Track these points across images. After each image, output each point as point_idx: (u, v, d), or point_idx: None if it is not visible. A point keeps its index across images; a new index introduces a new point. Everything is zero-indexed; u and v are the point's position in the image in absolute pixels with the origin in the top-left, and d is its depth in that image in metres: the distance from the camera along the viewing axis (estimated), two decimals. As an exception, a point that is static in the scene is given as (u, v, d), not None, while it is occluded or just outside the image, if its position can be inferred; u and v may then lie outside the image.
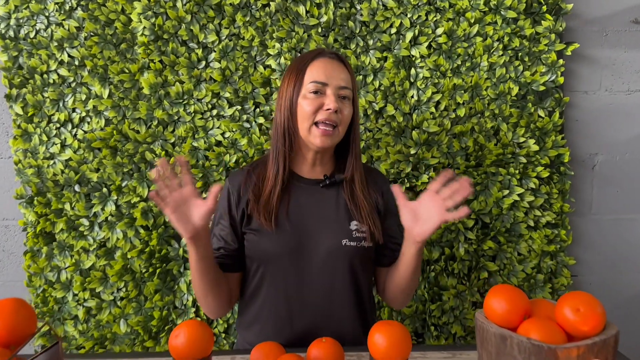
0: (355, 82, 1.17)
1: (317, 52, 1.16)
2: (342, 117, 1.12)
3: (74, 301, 1.49)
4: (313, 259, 1.11)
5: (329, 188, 1.17)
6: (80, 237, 1.47)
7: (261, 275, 1.13)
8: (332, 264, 1.11)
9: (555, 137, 1.52)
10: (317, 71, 1.12)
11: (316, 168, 1.18)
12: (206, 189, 1.47)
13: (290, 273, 1.11)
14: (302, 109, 1.11)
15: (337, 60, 1.15)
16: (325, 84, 1.11)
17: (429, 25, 1.48)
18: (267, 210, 1.10)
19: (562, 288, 1.57)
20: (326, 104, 1.09)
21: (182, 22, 1.44)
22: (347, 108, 1.13)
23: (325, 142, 1.10)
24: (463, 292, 1.54)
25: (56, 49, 1.44)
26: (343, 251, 1.11)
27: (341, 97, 1.12)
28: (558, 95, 1.52)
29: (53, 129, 1.45)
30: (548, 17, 1.49)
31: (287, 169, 1.14)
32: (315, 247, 1.11)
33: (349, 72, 1.15)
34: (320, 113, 1.10)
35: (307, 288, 1.11)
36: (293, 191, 1.15)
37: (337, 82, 1.12)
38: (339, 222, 1.14)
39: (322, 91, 1.11)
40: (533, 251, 1.55)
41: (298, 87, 1.12)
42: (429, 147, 1.50)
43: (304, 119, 1.11)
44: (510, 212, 1.53)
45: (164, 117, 1.45)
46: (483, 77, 1.49)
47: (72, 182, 1.45)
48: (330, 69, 1.12)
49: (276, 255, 1.10)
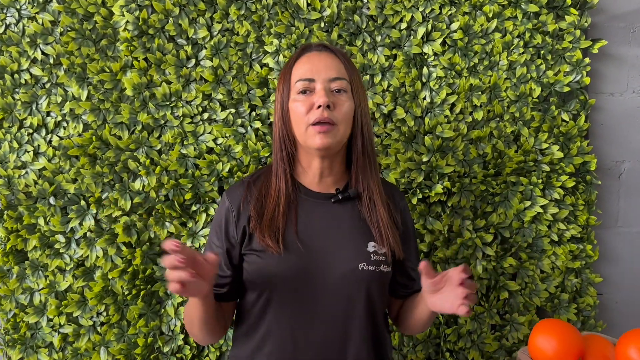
0: (354, 72, 1.02)
1: (302, 49, 1.03)
2: (340, 113, 0.96)
3: (48, 327, 1.35)
4: (325, 285, 0.96)
5: (342, 203, 1.03)
6: (56, 256, 1.34)
7: (264, 304, 0.99)
8: (347, 291, 0.97)
9: (580, 142, 1.40)
10: (302, 68, 0.98)
11: (325, 180, 1.03)
12: (196, 200, 1.33)
13: (298, 301, 0.97)
14: (294, 114, 0.98)
15: (326, 51, 1.01)
16: (311, 80, 0.97)
17: (443, 20, 1.36)
18: (273, 229, 0.96)
19: (588, 308, 1.45)
20: (315, 102, 0.95)
21: (170, 15, 1.32)
22: (344, 102, 0.97)
23: (324, 141, 0.95)
24: (481, 314, 1.41)
25: (28, 46, 1.31)
26: (360, 276, 0.97)
27: (335, 91, 0.97)
28: (583, 97, 1.40)
29: (25, 135, 1.33)
30: (573, 11, 1.37)
31: (289, 183, 1.01)
32: (328, 272, 0.96)
33: (342, 61, 1.01)
34: (312, 113, 0.95)
35: (317, 319, 0.97)
36: (301, 207, 1.01)
37: (326, 75, 0.97)
38: (354, 243, 1.00)
39: (310, 89, 0.97)
40: (557, 268, 1.42)
41: (287, 91, 1.00)
42: (443, 154, 1.37)
43: (297, 124, 0.98)
44: (532, 226, 1.40)
45: (149, 122, 1.32)
46: (502, 77, 1.37)
47: (46, 194, 1.33)
48: (316, 61, 0.99)
49: (282, 281, 0.96)
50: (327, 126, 0.95)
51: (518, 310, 1.41)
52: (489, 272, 1.40)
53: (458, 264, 1.39)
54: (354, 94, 1.00)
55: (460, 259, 1.38)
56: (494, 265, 1.39)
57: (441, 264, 1.38)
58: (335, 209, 1.02)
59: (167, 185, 1.32)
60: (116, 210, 1.32)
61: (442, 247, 1.38)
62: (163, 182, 1.32)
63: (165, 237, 1.34)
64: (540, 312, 1.44)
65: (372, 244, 0.99)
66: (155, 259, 1.34)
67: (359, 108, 1.01)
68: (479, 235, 1.38)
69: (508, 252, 1.39)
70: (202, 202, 1.33)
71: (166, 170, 1.33)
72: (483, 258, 1.39)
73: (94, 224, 1.32)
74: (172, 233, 1.34)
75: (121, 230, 1.31)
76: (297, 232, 0.97)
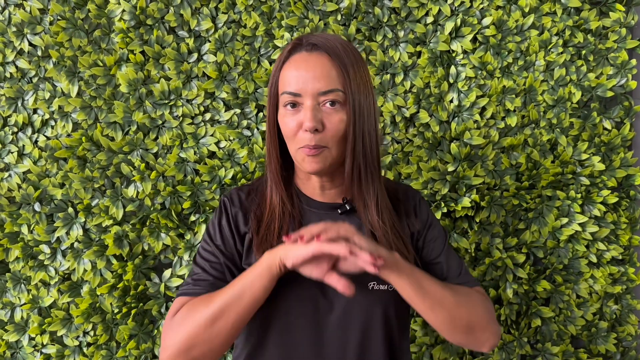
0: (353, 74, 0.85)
1: (290, 47, 0.87)
2: (331, 132, 0.83)
3: (30, 346, 1.26)
4: (333, 308, 0.86)
5: (349, 215, 0.92)
6: (40, 268, 1.24)
7: (264, 330, 0.88)
8: (358, 314, 0.87)
9: (624, 153, 1.27)
10: (288, 76, 0.85)
11: (328, 192, 0.93)
12: (195, 210, 1.22)
13: (302, 327, 0.86)
14: (284, 128, 0.86)
15: (316, 51, 0.85)
16: (297, 95, 0.83)
17: (474, 14, 1.24)
18: (267, 248, 0.85)
19: (629, 338, 1.32)
20: (303, 124, 0.83)
21: (170, 4, 1.22)
22: (336, 117, 0.83)
23: (314, 166, 0.84)
24: (510, 343, 1.28)
25: (14, 36, 1.22)
26: (372, 297, 0.87)
27: (328, 103, 0.83)
28: (627, 104, 1.27)
29: (9, 134, 1.24)
30: (618, 7, 1.24)
31: (284, 196, 0.91)
32: (335, 294, 0.86)
33: (335, 63, 0.84)
34: (301, 135, 0.84)
35: (325, 347, 0.86)
36: (304, 220, 0.91)
37: (313, 87, 0.82)
38: None
39: (298, 102, 0.84)
40: (595, 293, 1.29)
41: (274, 101, 0.88)
42: (471, 164, 1.24)
43: (288, 140, 0.87)
44: (569, 245, 1.27)
45: (145, 122, 1.23)
46: (539, 79, 1.25)
47: (30, 199, 1.23)
48: (304, 69, 0.83)
49: (281, 306, 0.86)
50: (316, 150, 0.83)
51: (551, 339, 1.29)
52: (519, 296, 1.27)
53: (486, 286, 1.26)
54: (351, 102, 0.85)
55: (489, 281, 1.25)
56: (525, 288, 1.26)
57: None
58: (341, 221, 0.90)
59: (163, 193, 1.22)
60: (107, 219, 1.22)
61: (468, 268, 1.24)
62: (159, 189, 1.22)
63: (160, 251, 1.22)
64: (576, 341, 1.31)
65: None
66: (148, 273, 1.24)
67: (360, 115, 0.85)
68: (510, 255, 1.25)
69: (541, 275, 1.27)
70: (201, 212, 1.22)
71: (163, 176, 1.23)
72: (514, 280, 1.27)
73: (82, 233, 1.23)
74: (168, 245, 1.23)
75: (112, 241, 1.21)
76: None
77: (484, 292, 0.95)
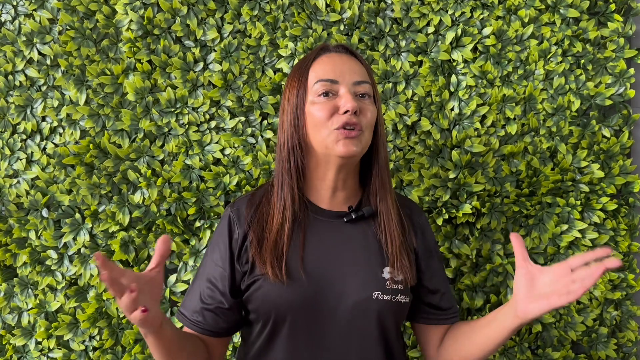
0: (373, 79, 0.96)
1: (319, 49, 0.94)
2: (366, 119, 0.89)
3: (36, 350, 1.26)
4: (336, 316, 0.88)
5: (355, 223, 0.93)
6: (47, 273, 1.25)
7: (268, 337, 0.90)
8: (360, 323, 0.88)
9: (623, 161, 1.28)
10: (323, 68, 0.90)
11: (338, 195, 0.95)
12: (200, 216, 1.23)
13: (305, 335, 0.88)
14: (312, 118, 0.88)
15: (346, 53, 0.94)
16: (335, 82, 0.88)
17: (474, 24, 1.26)
18: (275, 254, 0.87)
19: (629, 344, 1.33)
20: (342, 106, 0.86)
21: (177, 15, 1.23)
22: (369, 108, 0.90)
23: (349, 148, 0.86)
24: (511, 348, 1.29)
25: (24, 45, 1.23)
26: (374, 307, 0.88)
27: (359, 95, 0.89)
28: (626, 112, 1.29)
29: (18, 141, 1.25)
30: (616, 17, 1.26)
31: (296, 198, 0.91)
32: (339, 301, 0.87)
33: (363, 65, 0.94)
34: (337, 117, 0.86)
35: (326, 354, 0.88)
36: (310, 227, 0.92)
37: (351, 77, 0.89)
38: (368, 269, 0.90)
39: (333, 91, 0.88)
40: (595, 299, 1.30)
41: (302, 94, 0.90)
42: (472, 171, 1.26)
43: (317, 129, 0.88)
44: (569, 252, 1.28)
45: (152, 129, 1.24)
46: (538, 88, 1.26)
47: (38, 205, 1.24)
48: (339, 62, 0.91)
49: (287, 312, 0.87)
50: (355, 132, 0.86)
51: (552, 345, 1.29)
52: (520, 302, 1.27)
53: (487, 292, 1.27)
54: (376, 100, 0.93)
55: (490, 287, 1.26)
56: (526, 294, 1.27)
57: (468, 291, 1.26)
58: (347, 230, 0.93)
59: (169, 199, 1.23)
60: (113, 224, 1.23)
61: (469, 274, 1.26)
62: (165, 195, 1.23)
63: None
64: (576, 347, 1.32)
65: (387, 269, 0.90)
66: (154, 279, 1.24)
67: (380, 116, 0.94)
68: (511, 261, 1.26)
69: (542, 281, 1.27)
70: (206, 218, 1.24)
71: (169, 182, 1.24)
72: (514, 286, 1.27)
73: (89, 239, 1.24)
74: (173, 251, 1.24)
75: (118, 246, 1.22)
76: (304, 256, 0.88)
77: None
